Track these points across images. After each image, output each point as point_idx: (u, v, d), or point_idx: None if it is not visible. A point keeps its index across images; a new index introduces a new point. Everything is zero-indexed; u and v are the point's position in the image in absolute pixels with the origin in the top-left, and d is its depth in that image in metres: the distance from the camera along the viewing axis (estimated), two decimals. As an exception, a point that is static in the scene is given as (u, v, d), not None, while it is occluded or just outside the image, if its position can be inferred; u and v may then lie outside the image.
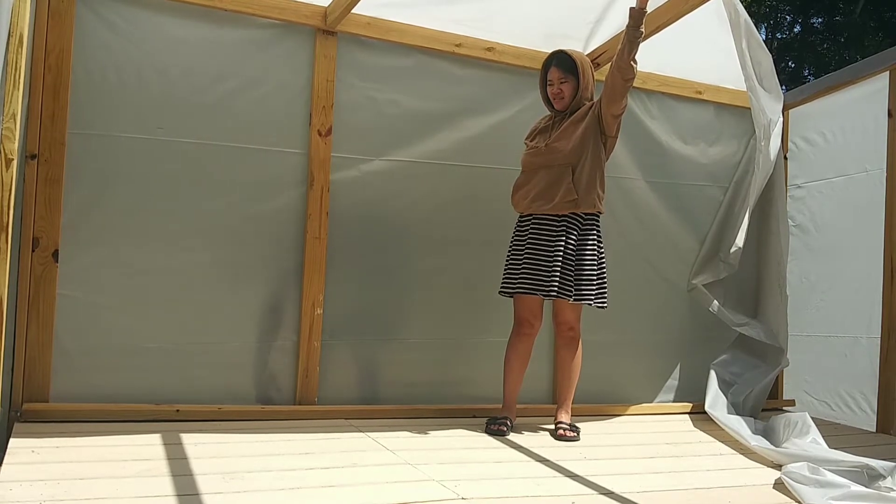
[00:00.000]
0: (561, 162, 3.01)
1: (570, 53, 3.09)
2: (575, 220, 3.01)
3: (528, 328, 3.09)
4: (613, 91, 2.93)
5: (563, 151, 3.01)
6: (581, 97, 3.08)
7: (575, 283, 2.98)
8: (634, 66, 2.87)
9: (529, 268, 3.02)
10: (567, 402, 3.13)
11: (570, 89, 3.07)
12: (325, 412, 3.09)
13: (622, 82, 2.90)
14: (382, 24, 3.22)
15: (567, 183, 2.98)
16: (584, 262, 3.00)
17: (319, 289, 3.14)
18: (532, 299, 3.04)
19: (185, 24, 2.94)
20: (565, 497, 2.20)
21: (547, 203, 3.01)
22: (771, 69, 3.44)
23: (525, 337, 3.10)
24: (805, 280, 4.00)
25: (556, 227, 3.01)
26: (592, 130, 3.01)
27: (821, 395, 3.88)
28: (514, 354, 3.11)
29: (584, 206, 2.99)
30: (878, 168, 3.58)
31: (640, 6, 2.82)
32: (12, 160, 1.81)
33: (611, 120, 2.99)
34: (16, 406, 2.67)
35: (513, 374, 3.11)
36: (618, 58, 2.88)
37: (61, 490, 1.96)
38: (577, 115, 3.05)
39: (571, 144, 3.01)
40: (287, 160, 3.11)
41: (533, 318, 3.08)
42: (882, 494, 2.24)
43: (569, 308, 3.04)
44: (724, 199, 3.92)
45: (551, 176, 3.02)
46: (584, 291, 2.99)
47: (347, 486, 2.17)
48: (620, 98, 2.94)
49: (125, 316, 2.87)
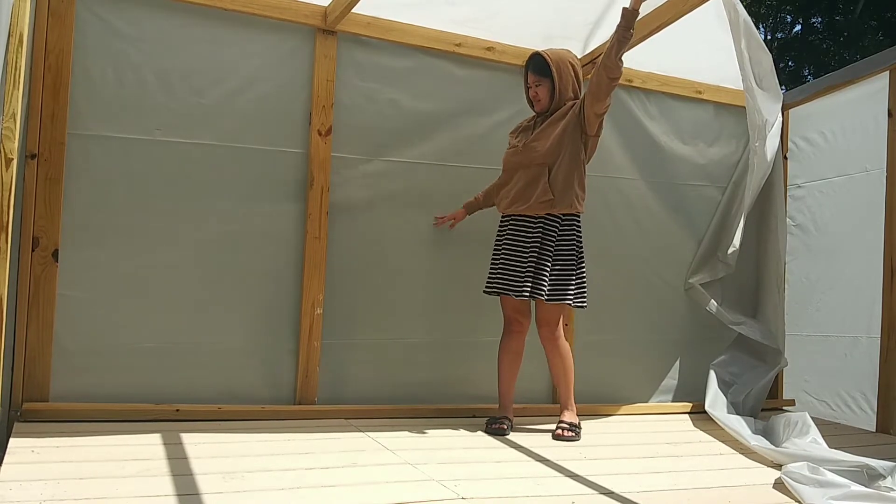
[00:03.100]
0: (538, 162, 3.00)
1: (545, 55, 3.05)
2: (552, 221, 3.00)
3: (517, 326, 3.09)
4: (598, 89, 2.90)
5: (540, 151, 3.00)
6: (561, 98, 3.05)
7: (550, 283, 2.97)
8: (621, 64, 2.85)
9: (504, 268, 3.04)
10: (567, 402, 3.12)
11: (545, 92, 3.06)
12: (325, 412, 3.09)
13: (607, 80, 2.87)
14: (382, 24, 3.22)
15: (543, 183, 2.97)
16: (562, 263, 2.99)
17: (319, 289, 3.14)
18: (512, 298, 3.04)
19: (184, 23, 2.95)
20: (565, 497, 2.20)
21: (523, 203, 3.01)
22: (770, 69, 3.44)
23: (514, 335, 3.10)
24: (805, 280, 4.00)
25: (531, 228, 3.01)
26: (571, 130, 2.99)
27: (821, 395, 3.88)
28: (503, 353, 3.12)
29: (561, 206, 2.97)
30: (878, 168, 3.58)
31: (633, 7, 2.81)
32: (12, 160, 1.82)
33: (593, 118, 2.97)
34: (16, 406, 2.67)
35: (504, 372, 3.12)
36: (605, 56, 2.87)
37: (61, 490, 1.96)
38: (557, 115, 3.04)
39: (548, 144, 2.99)
40: (287, 160, 3.11)
41: (519, 316, 3.08)
42: (882, 494, 2.24)
43: (546, 308, 3.03)
44: (723, 199, 3.93)
45: (528, 176, 3.02)
46: (561, 291, 2.98)
47: (347, 486, 2.17)
48: (605, 96, 2.91)
49: (125, 316, 2.87)
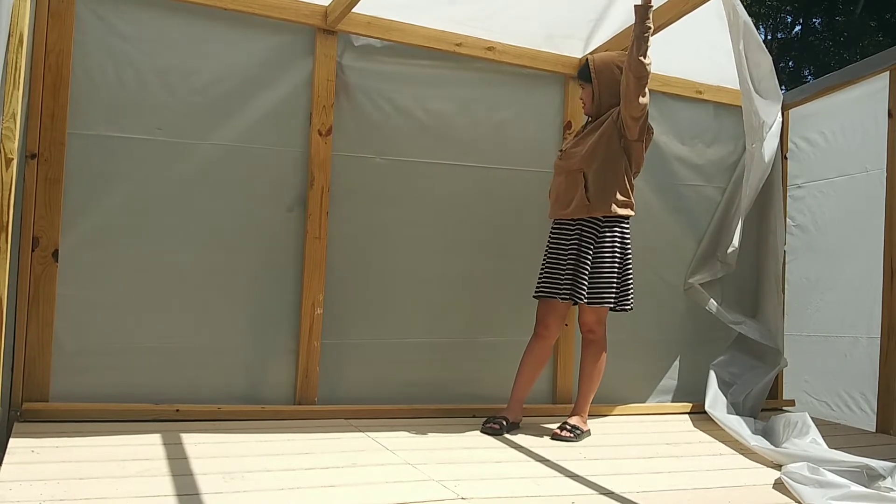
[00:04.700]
0: (575, 167, 3.02)
1: (590, 59, 3.08)
2: (591, 224, 2.99)
3: (543, 330, 3.07)
4: (627, 91, 2.88)
5: (578, 157, 3.02)
6: (601, 102, 3.04)
7: (590, 285, 2.97)
8: (645, 63, 2.81)
9: (545, 271, 3.07)
10: (581, 407, 3.10)
11: (588, 97, 3.08)
12: (325, 412, 3.08)
13: (634, 81, 2.84)
14: (383, 24, 3.21)
15: (580, 188, 2.99)
16: (602, 265, 2.98)
17: (319, 289, 3.14)
18: (549, 302, 3.04)
19: (184, 23, 2.94)
20: (565, 497, 2.20)
21: (564, 208, 3.04)
22: (770, 70, 3.43)
23: (539, 339, 3.09)
24: (805, 280, 4.00)
25: (570, 232, 3.02)
26: (608, 135, 2.98)
27: (821, 395, 3.88)
28: (526, 355, 3.11)
29: (598, 210, 2.97)
30: (878, 168, 3.58)
31: (644, 2, 2.80)
32: (12, 160, 1.82)
33: (630, 122, 2.93)
34: (16, 406, 2.67)
35: (522, 374, 3.10)
36: (628, 56, 2.86)
37: (61, 490, 1.96)
38: (600, 120, 3.05)
39: (585, 150, 3.00)
40: (287, 160, 3.11)
41: (548, 320, 3.06)
42: (882, 494, 2.25)
43: (587, 311, 3.04)
44: (722, 199, 3.92)
45: (568, 181, 3.04)
46: (602, 294, 2.98)
47: (347, 486, 2.17)
48: (634, 98, 2.86)
49: (125, 316, 2.86)
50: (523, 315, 3.19)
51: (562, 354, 3.54)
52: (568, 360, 3.56)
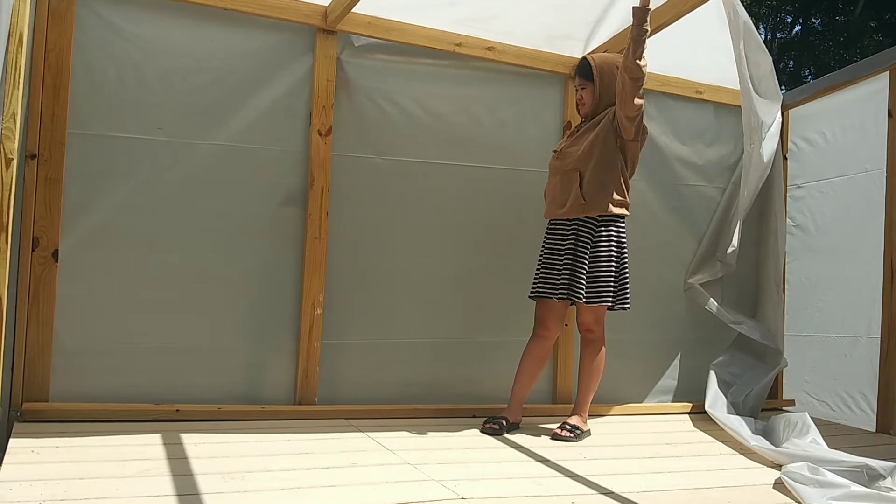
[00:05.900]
0: (571, 167, 3.03)
1: (590, 59, 3.09)
2: (587, 223, 3.00)
3: (543, 331, 3.08)
4: (623, 91, 2.89)
5: (573, 156, 3.03)
6: (601, 102, 3.06)
7: (588, 285, 2.97)
8: (641, 64, 2.82)
9: (541, 271, 3.07)
10: (580, 407, 3.10)
11: (588, 96, 3.09)
12: (325, 412, 3.08)
13: (630, 82, 2.86)
14: (383, 24, 3.21)
15: (575, 188, 2.99)
16: (600, 265, 2.98)
17: (319, 289, 3.14)
18: (547, 303, 3.05)
19: (184, 23, 2.94)
20: (565, 497, 2.20)
21: (560, 207, 3.04)
22: (770, 70, 3.43)
23: (539, 339, 3.09)
24: (805, 280, 4.00)
25: (566, 231, 3.03)
26: (604, 135, 2.99)
27: (821, 395, 3.88)
28: (525, 356, 3.11)
29: (594, 209, 2.98)
30: (878, 168, 3.58)
31: (642, 4, 2.81)
32: (12, 160, 1.82)
33: (625, 122, 2.95)
34: (16, 406, 2.67)
35: (521, 375, 3.10)
36: (624, 57, 2.86)
37: (61, 490, 1.96)
38: (595, 120, 3.06)
39: (581, 149, 3.01)
40: (287, 160, 3.11)
41: (547, 321, 3.07)
42: (882, 494, 2.24)
43: (585, 310, 3.05)
44: (722, 199, 3.92)
45: (564, 181, 3.05)
46: (600, 294, 2.98)
47: (347, 486, 2.17)
48: (630, 98, 2.89)
49: (125, 316, 2.86)
50: (523, 315, 3.19)
51: (561, 354, 3.54)
52: (567, 360, 3.56)
